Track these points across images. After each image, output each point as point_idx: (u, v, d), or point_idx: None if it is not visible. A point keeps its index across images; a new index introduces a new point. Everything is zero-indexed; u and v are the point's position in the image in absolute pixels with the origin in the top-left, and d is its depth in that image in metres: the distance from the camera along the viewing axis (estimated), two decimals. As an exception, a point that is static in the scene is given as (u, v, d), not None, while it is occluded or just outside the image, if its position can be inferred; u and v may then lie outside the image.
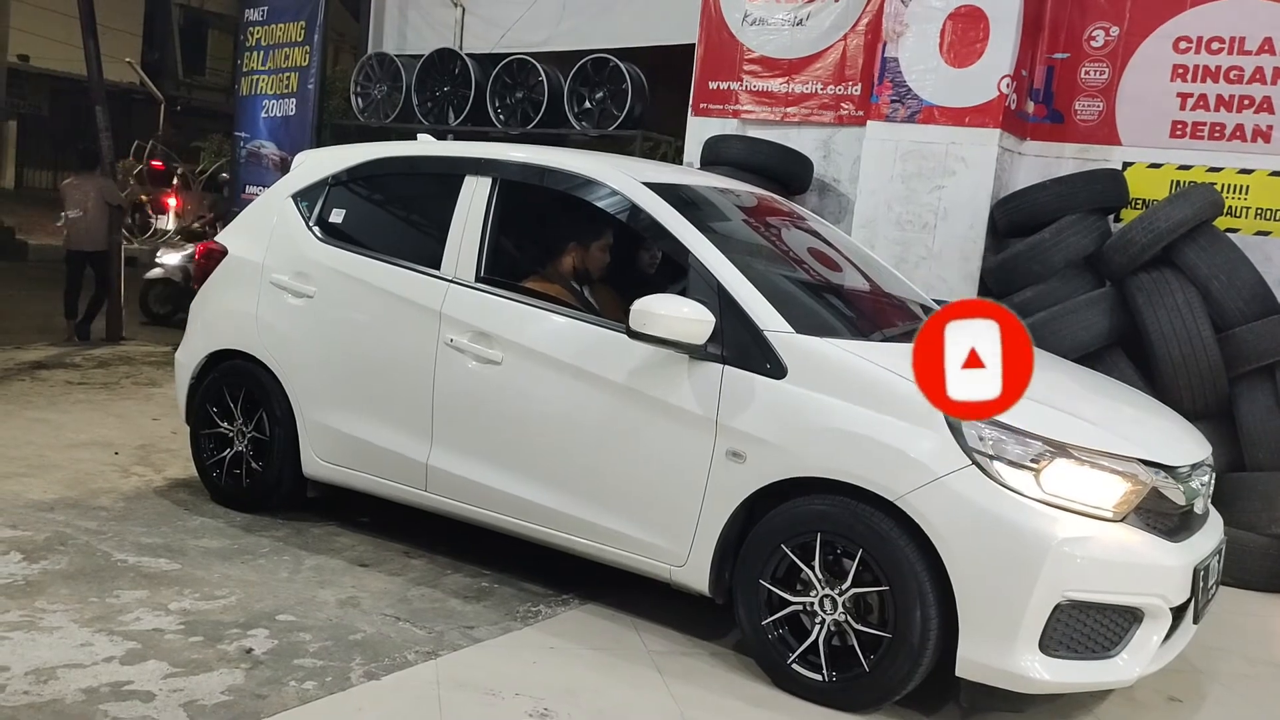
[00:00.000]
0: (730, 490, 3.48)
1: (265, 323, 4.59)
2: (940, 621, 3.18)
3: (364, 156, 4.71)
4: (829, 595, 3.33)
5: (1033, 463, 3.15)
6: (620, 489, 3.72)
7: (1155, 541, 3.24)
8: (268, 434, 4.57)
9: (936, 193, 6.14)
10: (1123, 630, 3.20)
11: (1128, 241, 5.43)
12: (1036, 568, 3.04)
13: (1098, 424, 3.39)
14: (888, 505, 3.23)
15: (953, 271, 6.12)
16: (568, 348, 3.84)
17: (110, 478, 5.05)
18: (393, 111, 8.33)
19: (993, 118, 5.98)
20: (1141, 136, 6.02)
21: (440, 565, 4.25)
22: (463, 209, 4.21)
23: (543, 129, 7.76)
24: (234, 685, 3.08)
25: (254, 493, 4.65)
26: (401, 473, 4.20)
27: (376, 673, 3.26)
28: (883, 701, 3.32)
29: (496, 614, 3.82)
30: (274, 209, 4.78)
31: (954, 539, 3.13)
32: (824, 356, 3.45)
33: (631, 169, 4.15)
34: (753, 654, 3.53)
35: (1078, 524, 3.11)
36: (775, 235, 4.45)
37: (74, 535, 4.20)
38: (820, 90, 6.82)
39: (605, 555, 3.79)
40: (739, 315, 3.54)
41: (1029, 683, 3.10)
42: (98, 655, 3.18)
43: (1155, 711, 3.64)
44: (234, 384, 4.69)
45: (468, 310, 4.05)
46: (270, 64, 8.83)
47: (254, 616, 3.59)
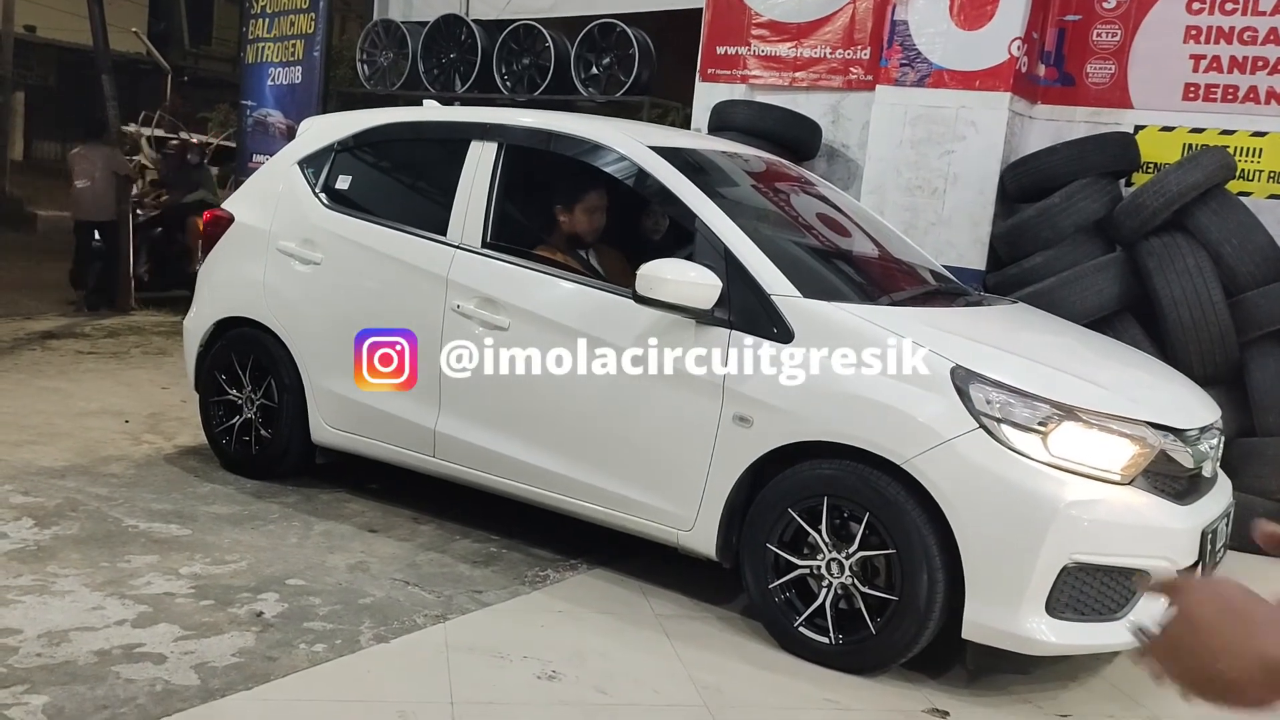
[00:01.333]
0: (737, 455, 3.48)
1: (272, 289, 4.59)
2: (946, 584, 3.19)
3: (369, 122, 4.70)
4: (836, 559, 3.34)
5: (1040, 426, 3.14)
6: (627, 454, 3.72)
7: (1162, 504, 3.24)
8: (276, 401, 4.59)
9: (946, 157, 6.09)
10: (1129, 593, 3.20)
11: (1138, 206, 5.38)
12: (1043, 530, 3.04)
13: (1106, 387, 3.39)
14: (895, 469, 3.22)
15: (962, 237, 6.08)
16: (574, 313, 3.83)
17: (121, 445, 5.08)
18: (399, 79, 8.28)
19: (1003, 81, 5.92)
20: (1154, 99, 5.95)
21: (449, 531, 4.27)
22: (469, 174, 4.19)
23: (549, 95, 7.70)
24: (244, 647, 3.11)
25: (263, 459, 4.67)
26: (409, 439, 4.21)
27: (385, 636, 3.29)
28: (889, 664, 3.34)
29: (505, 579, 3.84)
30: (280, 176, 4.77)
31: (961, 502, 3.13)
32: (832, 320, 3.44)
33: (638, 133, 4.13)
34: (760, 618, 3.55)
35: (1085, 487, 3.11)
36: (782, 200, 4.44)
37: (85, 501, 4.23)
38: (829, 54, 6.75)
39: (613, 520, 3.80)
40: (746, 279, 3.53)
41: (1035, 645, 3.11)
42: (109, 618, 3.21)
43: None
44: (242, 351, 4.70)
45: (474, 276, 4.04)
46: (275, 31, 8.78)
47: (264, 581, 3.61)
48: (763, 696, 3.17)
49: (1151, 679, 1.09)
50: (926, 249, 6.10)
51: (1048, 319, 4.34)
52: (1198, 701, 1.05)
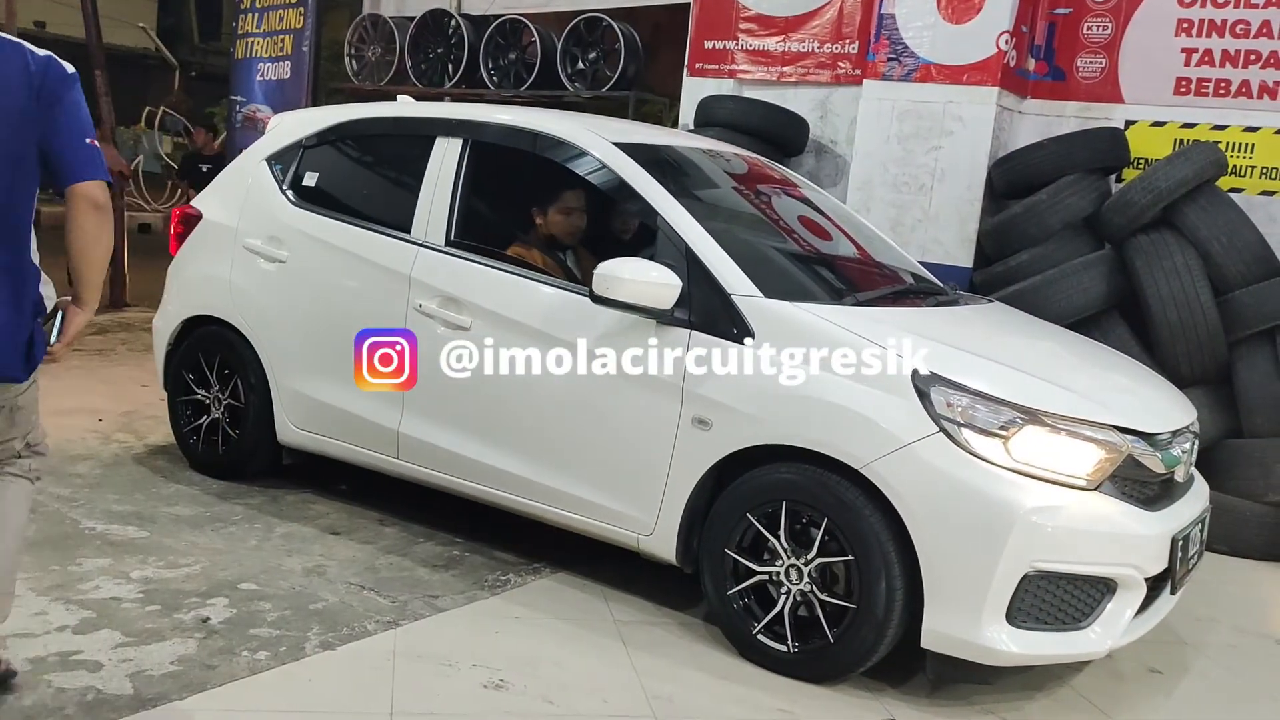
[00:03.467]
0: (696, 458, 3.40)
1: (239, 288, 4.52)
2: (905, 592, 3.10)
3: (337, 118, 4.63)
4: (794, 565, 3.25)
5: (1002, 430, 3.05)
6: (587, 457, 3.65)
7: (1130, 510, 3.14)
8: (243, 400, 4.53)
9: (933, 153, 6.00)
10: (1095, 601, 3.11)
11: (1126, 202, 5.28)
12: (1003, 538, 2.95)
13: (1072, 390, 3.29)
14: (854, 473, 3.14)
15: (950, 234, 5.98)
16: (534, 313, 3.75)
17: (90, 444, 5.03)
18: (387, 74, 8.23)
19: (991, 75, 5.82)
20: (1145, 94, 5.85)
21: (413, 534, 4.20)
22: (433, 171, 4.13)
23: (536, 91, 7.65)
24: (185, 655, 3.05)
25: (231, 460, 4.62)
26: (373, 440, 4.15)
27: (333, 643, 3.22)
28: (848, 673, 3.26)
29: (463, 583, 3.77)
30: (248, 173, 4.70)
31: (919, 508, 3.04)
32: (791, 321, 3.36)
33: (603, 129, 4.04)
34: (719, 624, 3.48)
35: (1047, 492, 3.01)
36: (754, 198, 4.36)
37: (45, 503, 4.17)
38: (817, 49, 6.66)
39: (574, 523, 3.73)
40: (707, 279, 3.45)
41: (995, 655, 3.03)
42: (51, 624, 3.16)
43: (1135, 683, 3.56)
44: (209, 350, 4.65)
45: (436, 275, 3.98)
46: (265, 26, 8.74)
47: (215, 585, 3.55)
48: (715, 706, 3.10)
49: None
50: (913, 247, 6.03)
51: (1023, 319, 4.25)
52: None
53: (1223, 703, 3.52)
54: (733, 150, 4.67)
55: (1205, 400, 5.14)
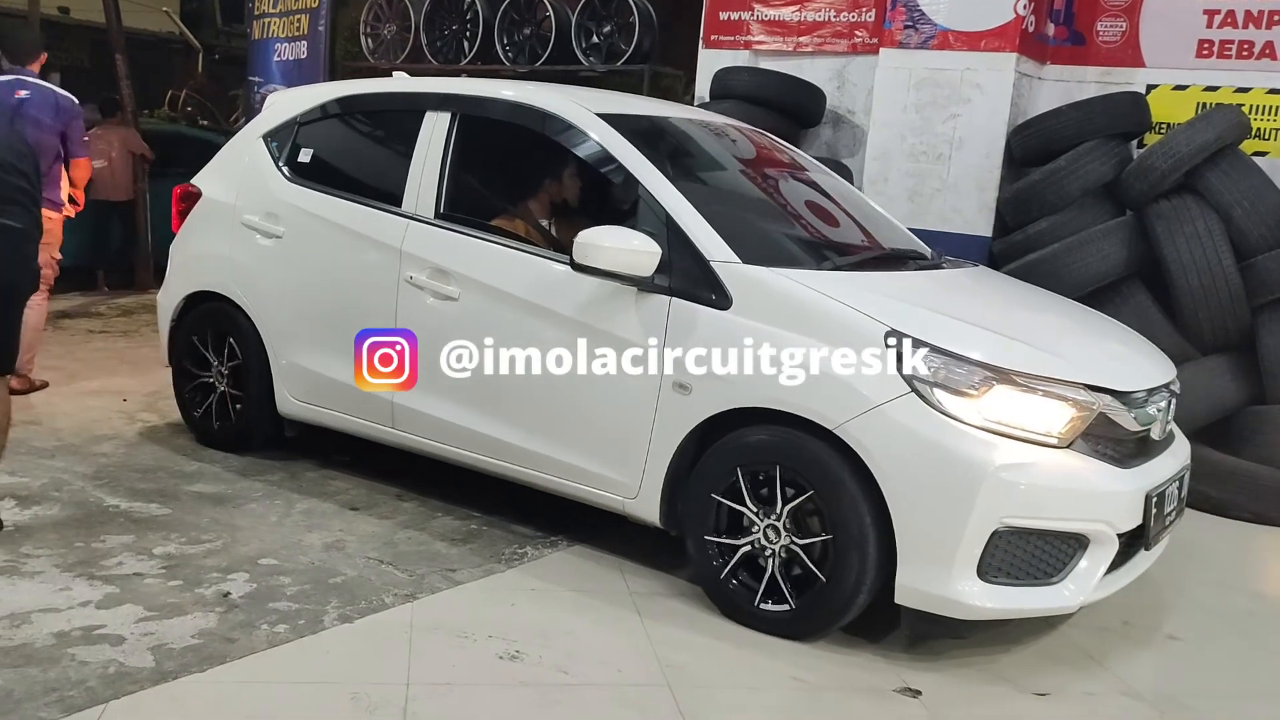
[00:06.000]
0: (677, 422, 3.47)
1: (238, 264, 4.62)
2: (880, 550, 3.15)
3: (330, 95, 4.75)
4: (772, 524, 3.32)
5: (973, 389, 3.09)
6: (573, 423, 3.73)
7: (1102, 467, 3.18)
8: (244, 374, 4.62)
9: (951, 121, 5.95)
10: (1067, 557, 3.16)
11: (1147, 168, 5.21)
12: (972, 494, 3.00)
13: (1044, 350, 3.33)
14: (829, 434, 3.19)
15: (969, 202, 5.93)
16: (519, 282, 3.82)
17: (115, 424, 5.10)
18: (402, 52, 8.23)
19: (1009, 41, 5.75)
20: (1166, 57, 5.76)
21: (431, 508, 4.24)
22: (423, 145, 4.20)
23: (551, 65, 7.62)
24: (205, 629, 3.10)
25: (234, 432, 4.73)
26: (369, 410, 4.22)
27: (350, 616, 3.26)
28: (826, 629, 3.32)
29: (480, 556, 3.81)
30: (245, 150, 4.82)
31: (891, 467, 3.10)
32: (768, 286, 3.40)
33: (588, 100, 4.10)
34: (697, 578, 3.56)
35: (1016, 450, 3.06)
36: (738, 166, 4.43)
37: (70, 481, 4.25)
38: (833, 18, 6.60)
39: (563, 489, 3.81)
40: (686, 246, 3.51)
41: (967, 609, 3.08)
42: (75, 599, 3.21)
43: (1152, 649, 3.55)
44: (211, 326, 4.75)
45: (426, 247, 4.04)
46: (281, 7, 8.75)
47: (236, 560, 3.60)
48: (729, 674, 3.12)
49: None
50: (932, 215, 6.00)
51: (1005, 283, 4.29)
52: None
53: (1240, 668, 3.50)
54: (721, 120, 4.71)
55: (1228, 367, 5.10)
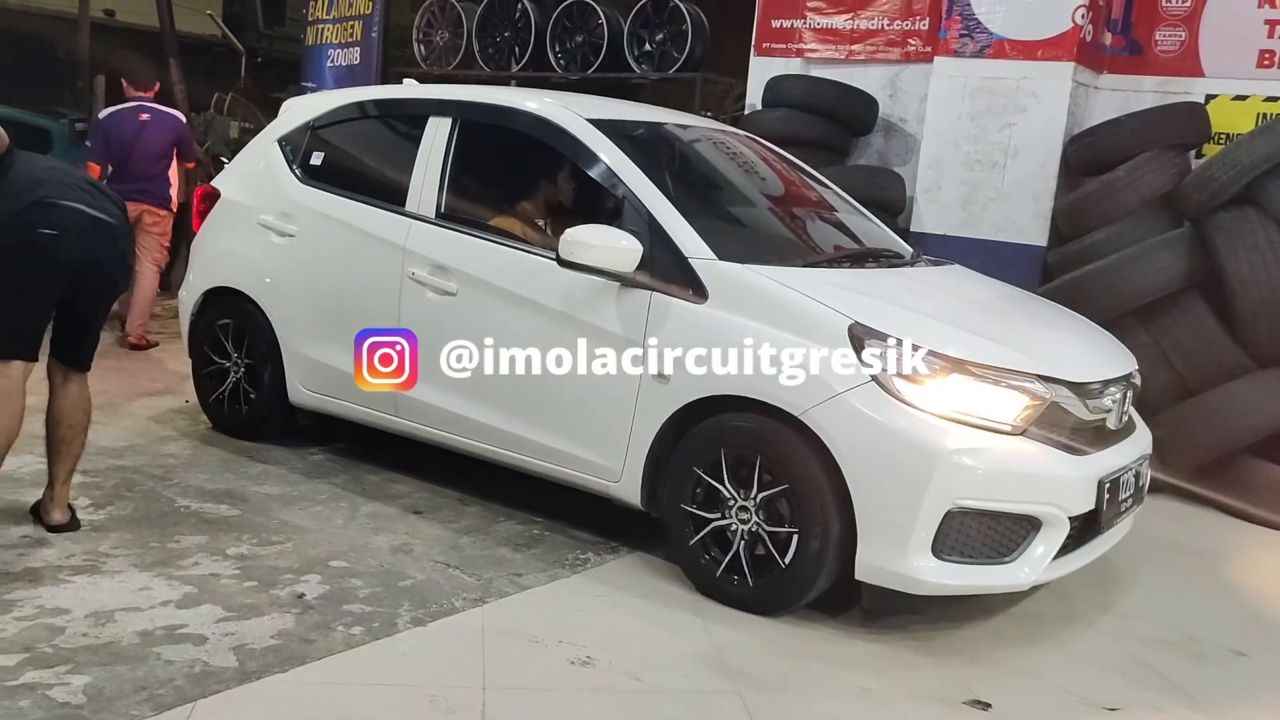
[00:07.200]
0: (657, 409, 3.66)
1: (253, 261, 4.86)
2: (841, 531, 3.33)
3: (341, 101, 5.00)
4: (743, 505, 3.52)
5: (930, 378, 3.28)
6: (562, 410, 3.92)
7: (1054, 454, 3.36)
8: (258, 365, 4.84)
9: (1006, 130, 5.94)
10: (1019, 537, 3.33)
11: (1207, 179, 5.19)
12: (927, 476, 3.18)
13: (1001, 342, 3.50)
14: (795, 421, 3.37)
15: (1023, 212, 5.93)
16: (511, 278, 4.02)
17: (179, 425, 5.20)
18: (454, 58, 8.31)
19: (1067, 50, 5.75)
20: (1226, 67, 5.74)
21: (494, 512, 4.29)
22: (425, 148, 4.41)
23: (603, 73, 7.67)
24: (283, 629, 3.16)
25: (250, 420, 4.95)
26: (374, 400, 4.41)
27: (423, 619, 3.32)
28: (790, 604, 3.49)
29: (545, 562, 3.85)
30: (262, 154, 5.06)
31: (851, 451, 3.28)
32: (742, 281, 3.61)
33: (579, 106, 4.28)
34: (669, 534, 3.74)
35: (970, 436, 3.25)
36: (724, 169, 4.64)
37: (140, 482, 4.34)
38: (886, 26, 6.61)
39: (554, 473, 4.01)
40: (666, 244, 3.71)
41: (922, 585, 3.26)
42: (155, 599, 3.29)
43: (1218, 664, 3.54)
44: (227, 319, 4.97)
45: (427, 245, 4.25)
46: (335, 13, 8.86)
47: (308, 562, 3.67)
48: (797, 683, 3.14)
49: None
50: (985, 225, 6.00)
51: (978, 280, 4.45)
52: None
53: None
54: (710, 125, 4.99)
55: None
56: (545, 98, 4.43)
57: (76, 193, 3.60)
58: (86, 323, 3.83)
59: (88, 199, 3.62)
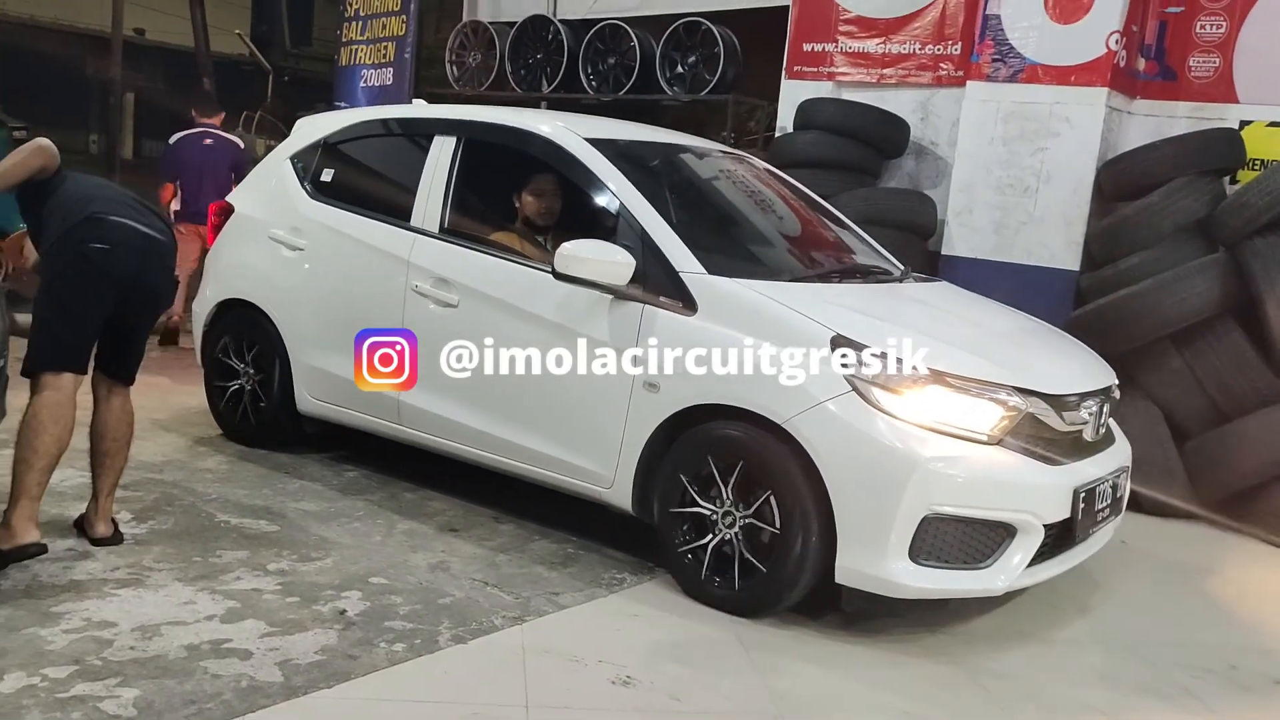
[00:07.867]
0: (647, 417, 3.78)
1: (264, 274, 5.00)
2: (822, 537, 3.43)
3: (351, 120, 5.19)
4: (729, 510, 3.63)
5: (909, 389, 3.39)
6: (557, 418, 4.04)
7: (1029, 463, 3.47)
8: (268, 375, 4.97)
9: (1039, 155, 5.95)
10: (995, 544, 3.43)
11: (1243, 205, 5.18)
12: (903, 483, 3.29)
13: (980, 354, 3.64)
14: (779, 428, 3.48)
15: (1055, 237, 5.93)
16: (509, 291, 4.15)
17: (216, 442, 5.23)
18: (487, 79, 8.38)
19: (1100, 76, 5.76)
20: (1261, 93, 5.73)
21: (528, 531, 4.31)
22: (430, 166, 4.57)
23: (635, 95, 7.73)
24: (327, 645, 3.18)
25: (259, 428, 5.08)
26: (378, 408, 4.56)
27: (464, 636, 3.33)
28: (772, 607, 3.60)
29: (581, 581, 3.86)
30: (274, 170, 5.22)
31: (831, 458, 3.39)
32: (730, 294, 3.74)
33: (578, 125, 4.42)
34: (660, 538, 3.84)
35: (946, 444, 3.36)
36: (717, 186, 4.77)
37: (180, 496, 4.38)
38: (918, 50, 6.64)
39: (551, 480, 4.13)
40: (658, 258, 3.84)
41: (898, 588, 3.36)
42: (200, 613, 3.32)
43: (1259, 694, 3.52)
44: (239, 330, 5.10)
45: (430, 259, 4.40)
46: (368, 34, 8.96)
47: (348, 579, 3.69)
48: (837, 704, 3.14)
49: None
50: (1017, 249, 6.00)
51: (963, 296, 4.55)
52: None
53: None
54: (705, 144, 5.11)
55: (1326, 407, 5.03)
56: (546, 118, 4.59)
57: (126, 209, 3.68)
58: (131, 337, 3.89)
59: (137, 215, 3.69)
